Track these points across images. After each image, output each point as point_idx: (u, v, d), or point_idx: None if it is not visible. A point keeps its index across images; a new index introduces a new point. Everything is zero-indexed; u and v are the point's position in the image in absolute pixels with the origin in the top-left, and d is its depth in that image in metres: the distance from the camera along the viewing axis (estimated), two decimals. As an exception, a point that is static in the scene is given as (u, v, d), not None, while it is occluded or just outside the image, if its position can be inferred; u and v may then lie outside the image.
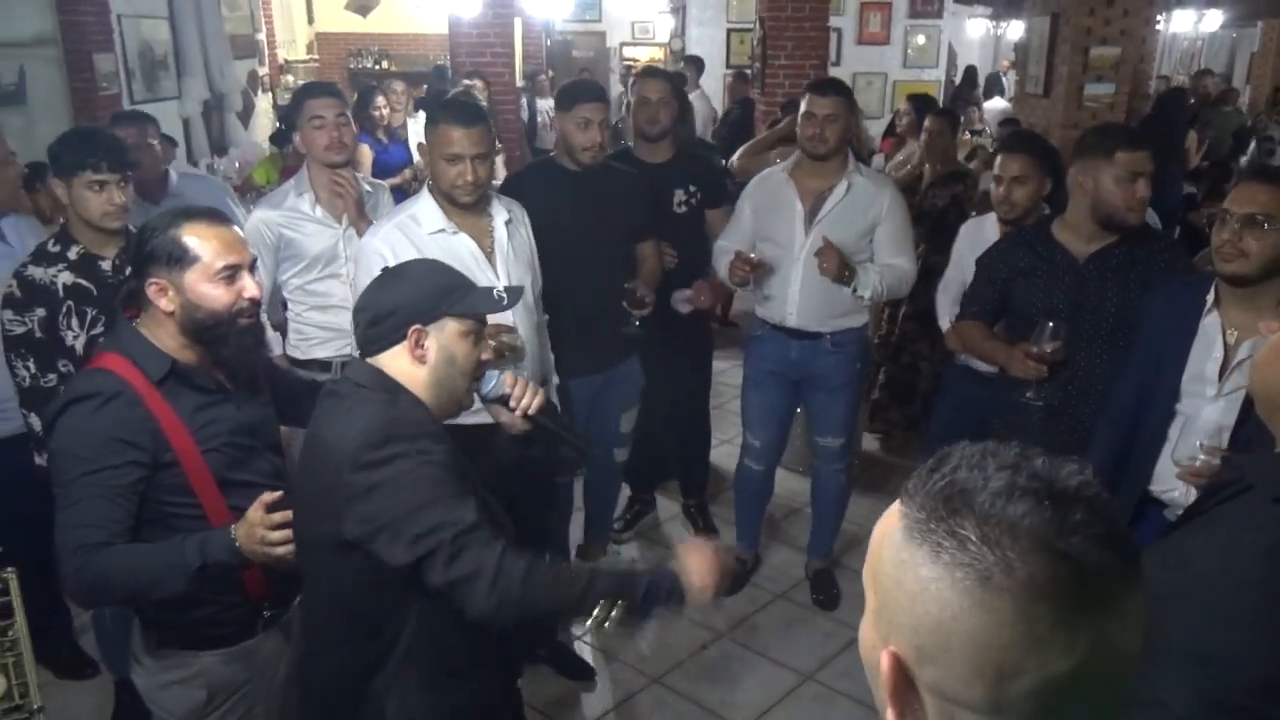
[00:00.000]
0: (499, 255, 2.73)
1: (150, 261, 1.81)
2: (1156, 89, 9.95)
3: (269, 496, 1.75)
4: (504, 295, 1.81)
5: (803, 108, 3.23)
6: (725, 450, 4.65)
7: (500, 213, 2.78)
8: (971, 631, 0.67)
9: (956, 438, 3.02)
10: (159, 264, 1.81)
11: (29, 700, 1.55)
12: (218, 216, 1.90)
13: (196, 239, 1.81)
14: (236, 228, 1.93)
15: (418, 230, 2.65)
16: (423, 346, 1.70)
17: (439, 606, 1.64)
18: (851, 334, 3.32)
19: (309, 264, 2.93)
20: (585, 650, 3.32)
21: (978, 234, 3.33)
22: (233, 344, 1.86)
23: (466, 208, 2.68)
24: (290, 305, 3.01)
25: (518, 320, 2.72)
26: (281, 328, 3.08)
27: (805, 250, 3.21)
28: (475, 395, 1.87)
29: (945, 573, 0.68)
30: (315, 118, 2.91)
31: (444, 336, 1.71)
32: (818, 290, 3.23)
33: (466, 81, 6.36)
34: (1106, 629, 0.67)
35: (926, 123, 4.63)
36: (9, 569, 1.62)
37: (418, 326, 1.69)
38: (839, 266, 3.10)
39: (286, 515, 1.74)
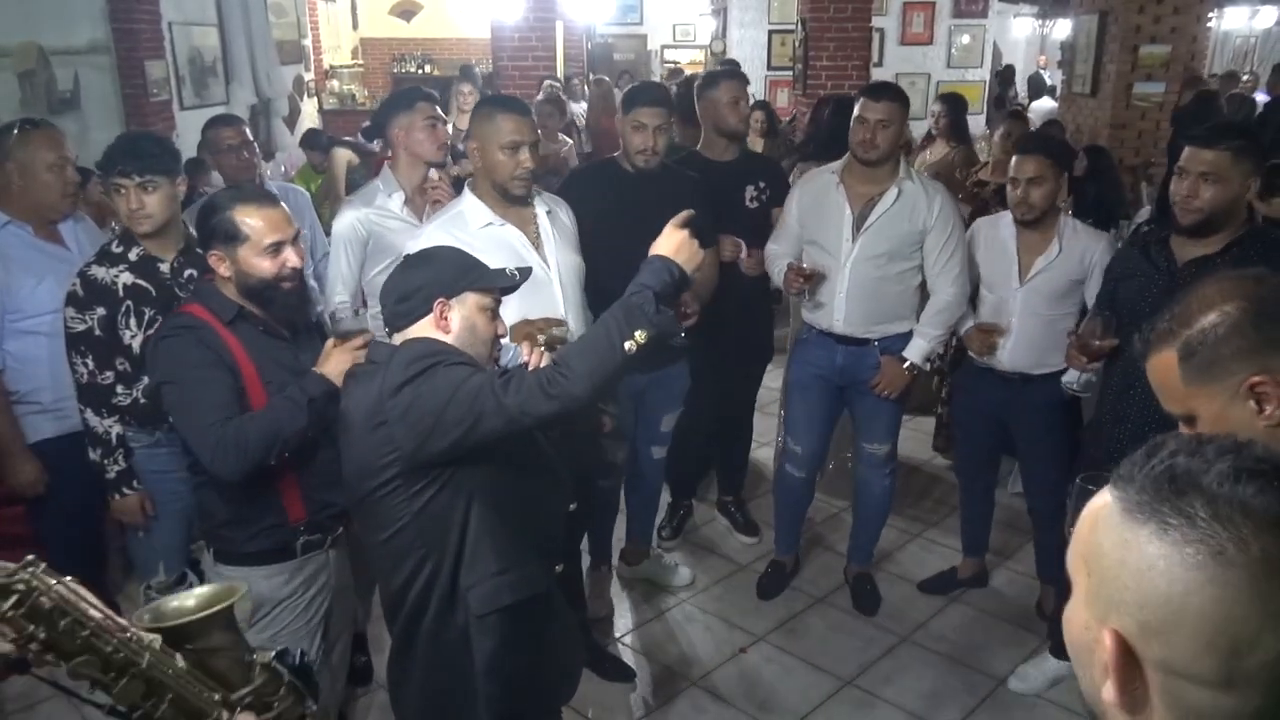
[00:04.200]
0: (545, 242, 2.77)
1: (211, 236, 2.17)
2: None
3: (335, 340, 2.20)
4: (516, 273, 1.97)
5: (856, 111, 3.18)
6: (766, 452, 4.64)
7: (541, 205, 2.82)
8: (1204, 606, 0.68)
9: (977, 437, 3.03)
10: (218, 239, 2.16)
11: None
12: (267, 198, 2.23)
13: (248, 219, 2.14)
14: (284, 207, 2.23)
15: (465, 227, 2.68)
16: (446, 318, 1.88)
17: (486, 490, 1.86)
18: (899, 340, 3.27)
19: (393, 261, 2.96)
20: (625, 652, 3.33)
21: (990, 231, 3.32)
22: (279, 304, 2.22)
23: (517, 200, 2.72)
24: (371, 304, 3.03)
25: (570, 306, 2.75)
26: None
27: (852, 257, 3.19)
28: (496, 366, 2.02)
29: (1174, 549, 0.69)
30: (429, 118, 3.00)
31: (466, 309, 1.90)
32: (865, 296, 3.21)
33: (551, 82, 6.77)
34: None
35: (1005, 128, 4.59)
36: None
37: (442, 299, 1.87)
38: (901, 381, 3.25)
39: (368, 336, 2.18)
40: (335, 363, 2.15)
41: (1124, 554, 0.73)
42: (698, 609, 3.59)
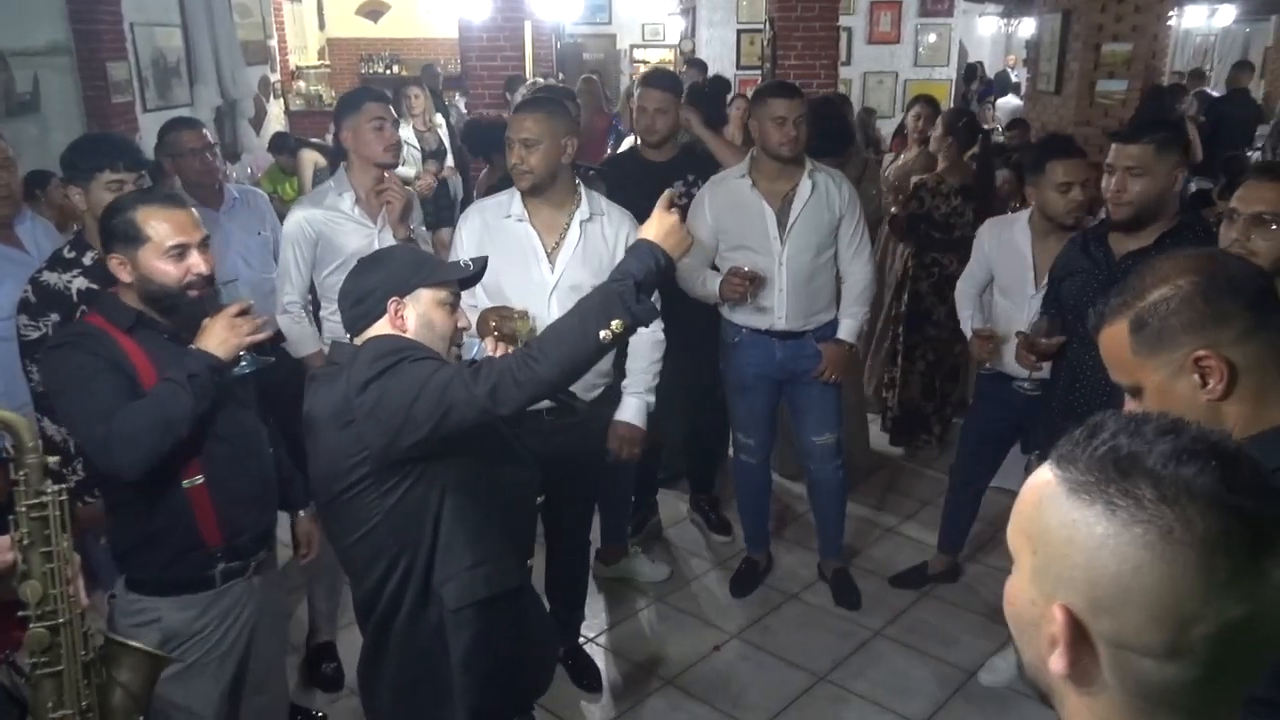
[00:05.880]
0: (564, 251, 2.78)
1: (111, 239, 2.04)
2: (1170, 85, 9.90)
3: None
4: (470, 264, 1.96)
5: (770, 113, 3.17)
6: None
7: (583, 210, 2.82)
8: (1152, 583, 0.72)
9: (989, 440, 3.03)
10: (118, 241, 2.03)
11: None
12: (173, 199, 2.12)
13: (150, 220, 2.02)
14: (191, 210, 2.11)
15: (497, 213, 2.83)
16: (402, 316, 1.87)
17: (458, 485, 1.85)
18: (830, 327, 3.37)
19: (344, 262, 2.94)
20: (599, 652, 3.33)
21: (1003, 233, 3.29)
22: (183, 312, 2.09)
23: (536, 196, 2.77)
24: (325, 305, 3.05)
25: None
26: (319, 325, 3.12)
27: (785, 255, 3.24)
28: (459, 360, 2.03)
29: (1123, 529, 0.73)
30: (375, 119, 2.98)
31: (421, 305, 1.89)
32: (801, 292, 3.28)
33: (539, 79, 6.84)
34: (1273, 577, 0.73)
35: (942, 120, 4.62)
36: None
37: (395, 298, 1.86)
38: (845, 362, 3.34)
39: (245, 304, 2.08)
40: (213, 334, 2.03)
41: (1072, 533, 0.76)
42: (671, 608, 3.59)
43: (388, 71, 12.47)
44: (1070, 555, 0.76)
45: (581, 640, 3.31)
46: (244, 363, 2.16)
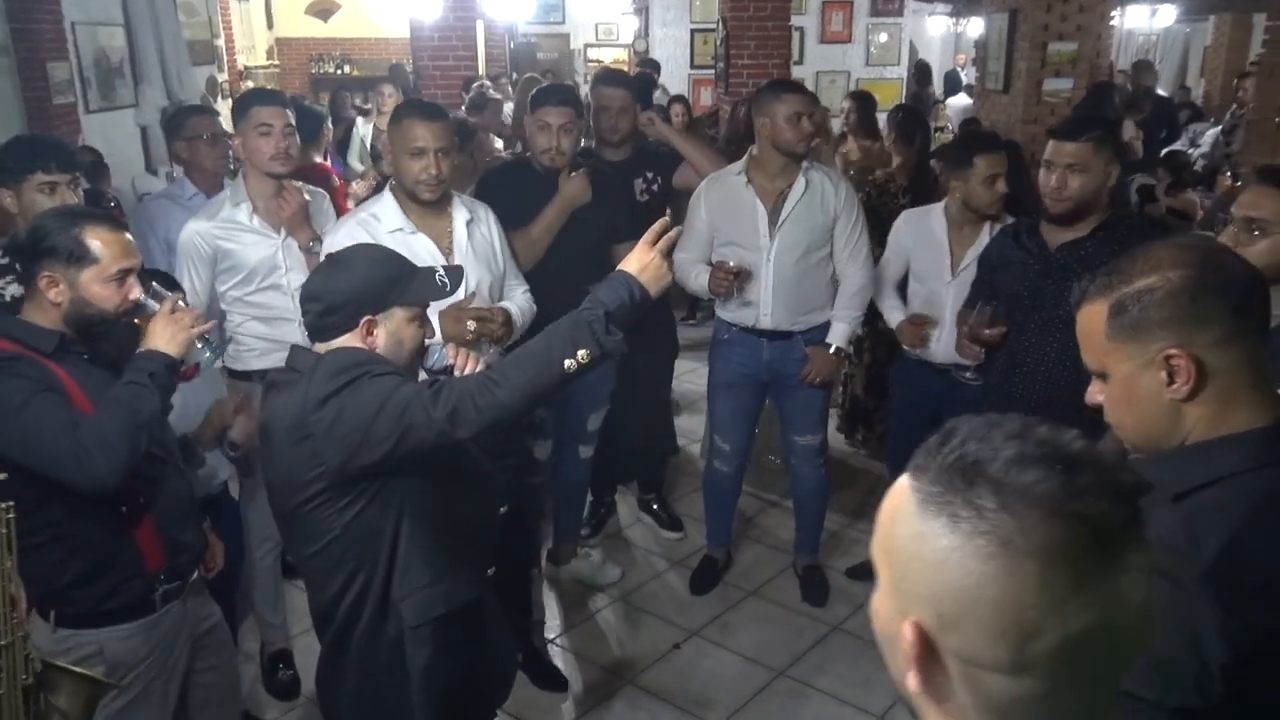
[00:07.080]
0: (458, 255, 2.73)
1: (48, 255, 1.91)
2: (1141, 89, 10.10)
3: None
4: (446, 280, 1.91)
5: (787, 110, 3.15)
6: (696, 449, 4.65)
7: (461, 213, 2.78)
8: (994, 596, 0.69)
9: (914, 430, 3.05)
10: (57, 259, 1.91)
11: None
12: (115, 222, 2.03)
13: (99, 242, 1.92)
14: (128, 234, 2.02)
15: (378, 227, 2.68)
16: (373, 334, 1.83)
17: (416, 501, 1.82)
18: (821, 330, 3.34)
19: (248, 275, 2.86)
20: (558, 654, 3.32)
21: (920, 223, 3.37)
22: (113, 340, 1.99)
23: (428, 205, 2.69)
24: (229, 317, 2.92)
25: None
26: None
27: (773, 252, 3.23)
28: (422, 370, 1.99)
29: (965, 541, 0.70)
30: (262, 125, 2.83)
31: (393, 324, 1.84)
32: (788, 289, 3.26)
33: (487, 82, 6.60)
34: (1120, 583, 0.70)
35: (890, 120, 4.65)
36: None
37: (370, 317, 1.81)
38: (830, 367, 3.33)
39: (173, 299, 2.01)
40: (159, 334, 1.94)
41: (919, 547, 0.73)
42: (631, 607, 3.59)
43: (338, 71, 12.32)
44: (918, 570, 0.73)
45: (541, 644, 3.29)
46: (208, 353, 2.09)
